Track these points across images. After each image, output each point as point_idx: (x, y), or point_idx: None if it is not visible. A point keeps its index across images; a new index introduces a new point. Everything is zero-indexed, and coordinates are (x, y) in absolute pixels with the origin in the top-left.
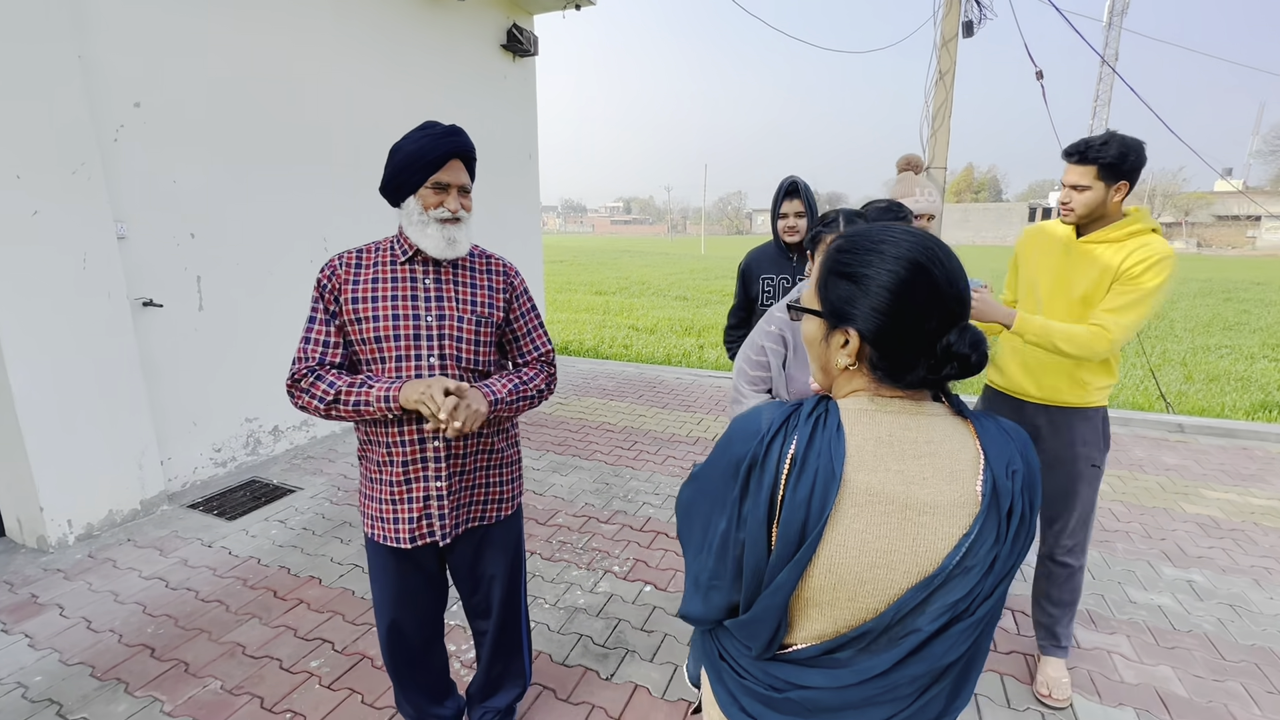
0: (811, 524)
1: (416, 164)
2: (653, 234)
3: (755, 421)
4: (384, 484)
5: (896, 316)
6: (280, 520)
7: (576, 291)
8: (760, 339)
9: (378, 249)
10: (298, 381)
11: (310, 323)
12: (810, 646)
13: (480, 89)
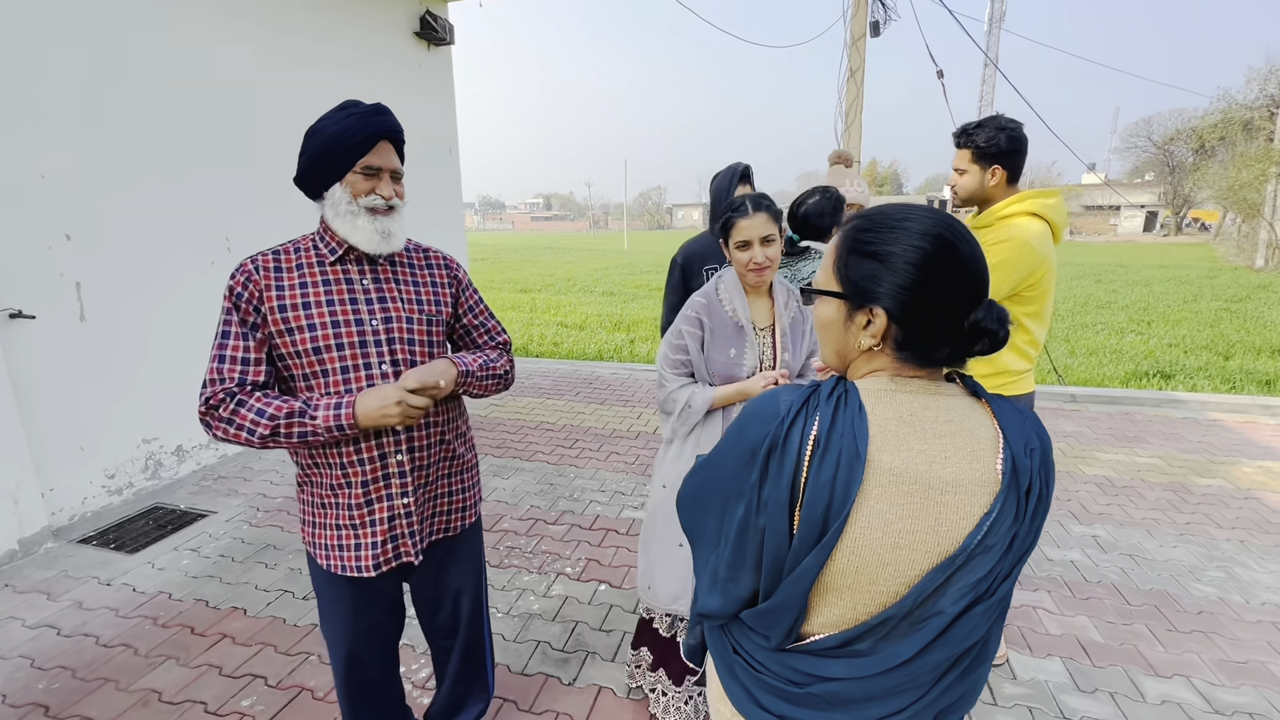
0: (836, 506)
1: (341, 147)
2: (575, 230)
3: (772, 404)
4: (339, 510)
5: (925, 293)
6: (192, 549)
7: (501, 289)
8: (680, 324)
9: (297, 249)
10: (214, 409)
11: (223, 338)
12: (830, 636)
13: (394, 79)
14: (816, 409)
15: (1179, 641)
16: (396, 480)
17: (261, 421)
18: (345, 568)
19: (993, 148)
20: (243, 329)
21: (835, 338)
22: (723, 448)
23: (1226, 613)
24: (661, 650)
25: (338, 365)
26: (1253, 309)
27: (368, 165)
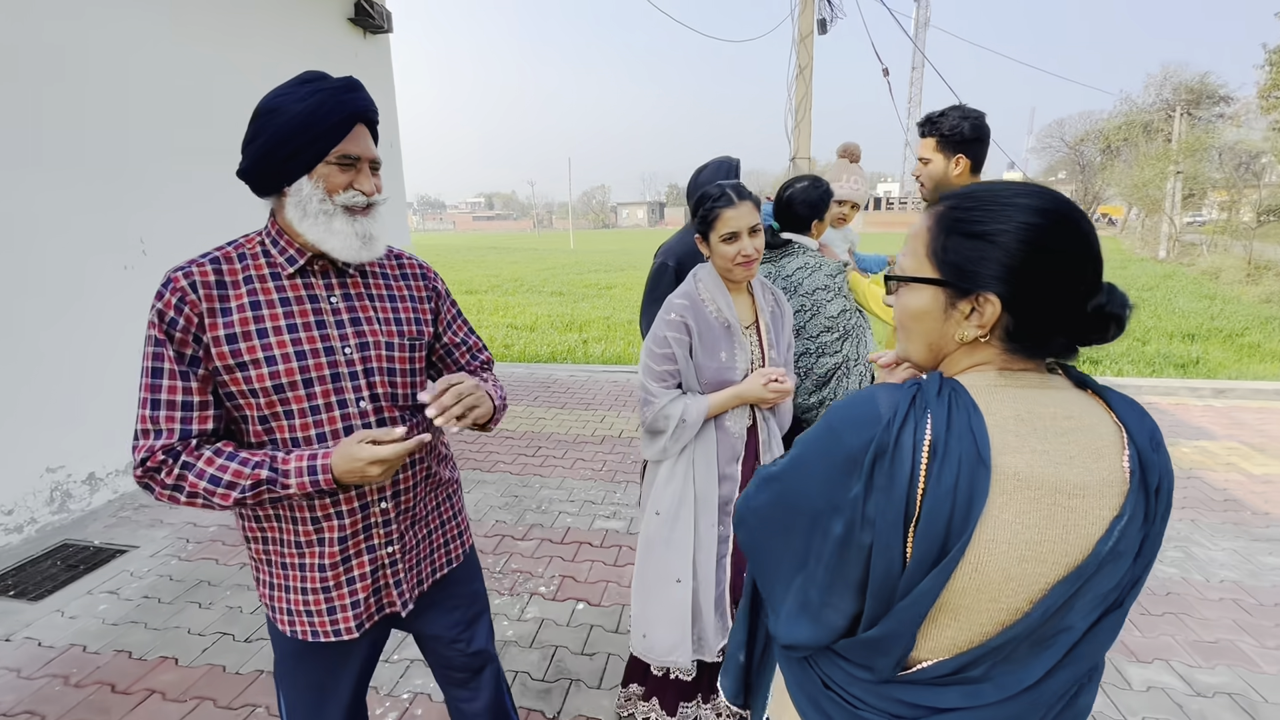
0: (958, 519)
1: (310, 130)
2: (518, 229)
3: (869, 406)
4: (309, 571)
5: (1045, 276)
6: (110, 591)
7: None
8: (662, 330)
9: (241, 256)
10: (154, 472)
11: (153, 376)
12: (942, 662)
13: (327, 68)
14: (926, 409)
15: (1153, 625)
16: (380, 530)
17: (217, 491)
18: (318, 633)
19: (956, 135)
20: (179, 365)
21: (929, 329)
22: (805, 457)
23: (1191, 593)
24: (654, 684)
25: (305, 405)
26: (1161, 297)
27: (345, 154)
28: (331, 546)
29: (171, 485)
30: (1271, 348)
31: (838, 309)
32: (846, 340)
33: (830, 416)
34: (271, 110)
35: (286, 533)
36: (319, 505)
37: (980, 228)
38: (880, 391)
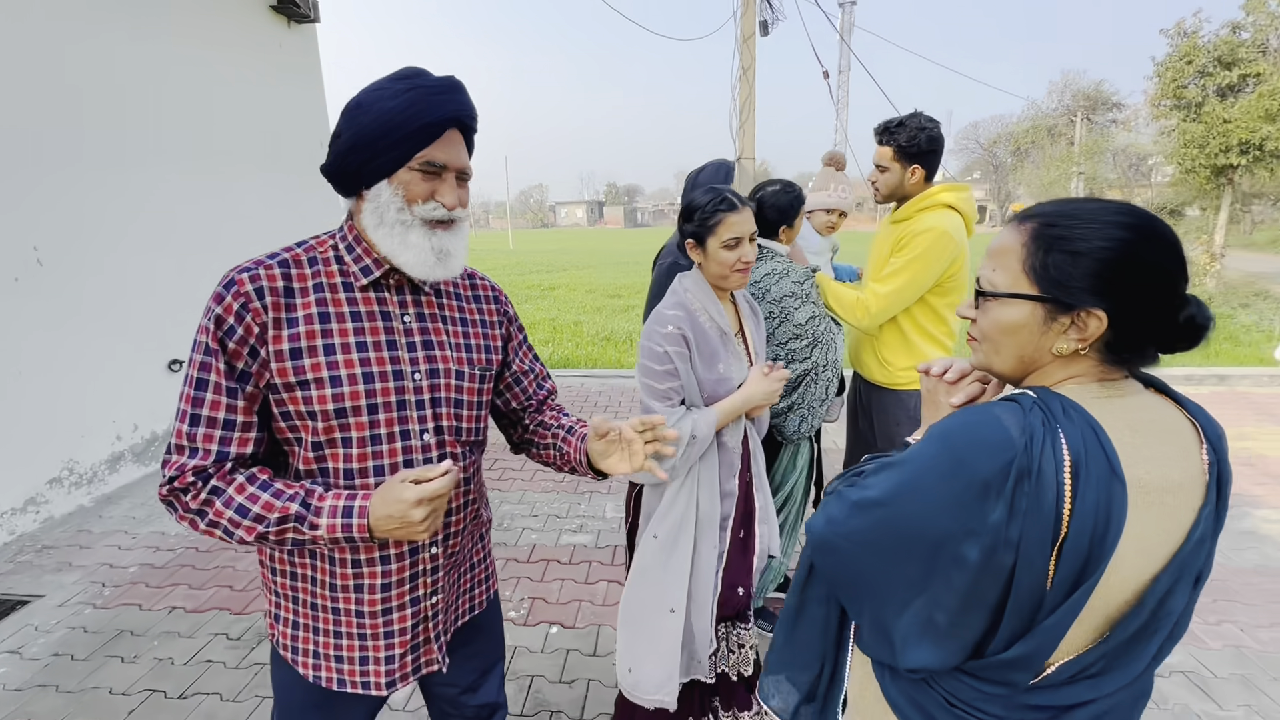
0: (1099, 534)
1: (399, 131)
2: None
3: (996, 429)
4: (344, 616)
5: (1146, 289)
6: (11, 651)
7: None
8: (660, 345)
9: (313, 260)
10: (180, 493)
11: (197, 388)
12: (1067, 663)
13: (248, 59)
14: (1057, 427)
15: None
16: (426, 579)
17: (243, 524)
18: (345, 683)
19: (914, 147)
20: (229, 380)
21: (1024, 342)
22: (920, 483)
23: None
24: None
25: (366, 433)
26: None
27: (429, 160)
28: (373, 594)
29: (195, 510)
30: None
31: (805, 315)
32: (815, 347)
33: (949, 441)
34: (359, 106)
35: (321, 572)
36: (364, 548)
37: (1083, 244)
38: (1000, 412)
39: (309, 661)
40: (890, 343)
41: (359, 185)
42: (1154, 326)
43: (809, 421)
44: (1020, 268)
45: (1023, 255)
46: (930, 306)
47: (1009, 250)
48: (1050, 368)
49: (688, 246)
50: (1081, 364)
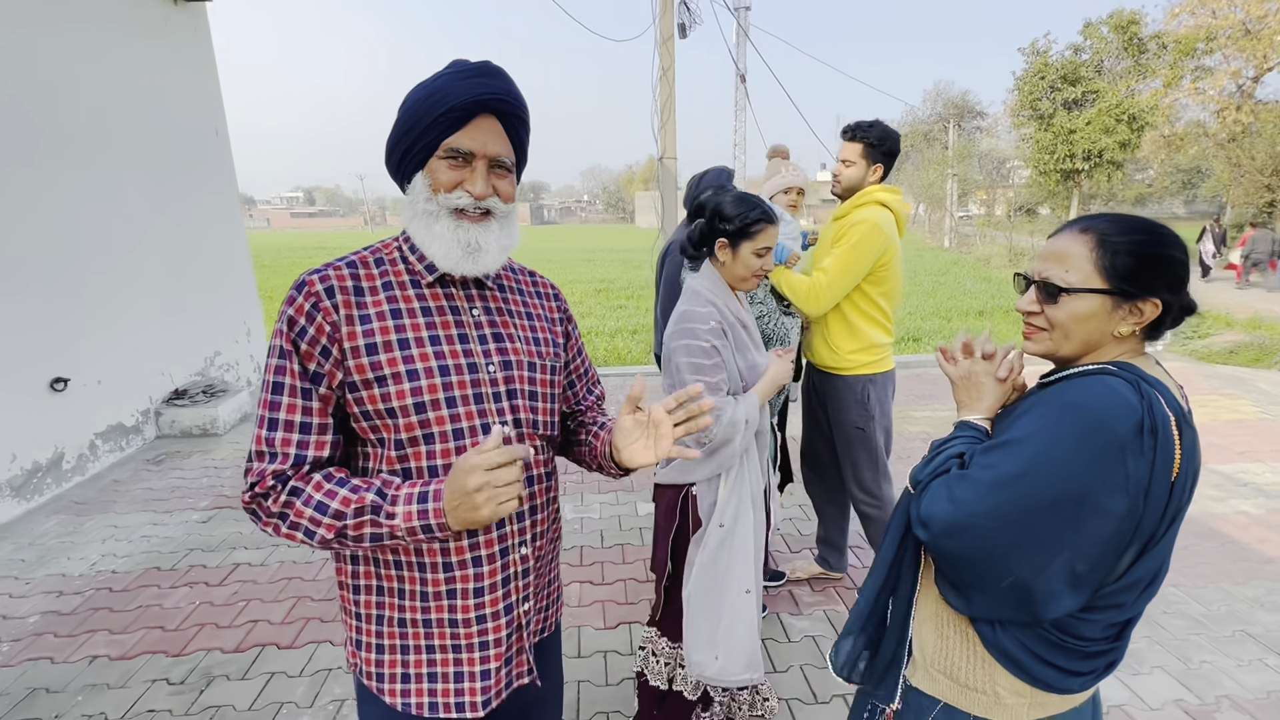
0: (1195, 470)
1: (426, 118)
2: (348, 227)
3: (1120, 396)
4: (435, 627)
5: (1179, 280)
6: None
7: (274, 299)
8: (706, 340)
9: (380, 261)
10: (262, 498)
11: (275, 393)
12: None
13: (131, 39)
14: (1153, 390)
15: None
16: (518, 583)
17: (323, 521)
18: (439, 706)
19: (885, 146)
20: (302, 381)
21: (1093, 328)
22: (1057, 452)
23: None
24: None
25: (449, 428)
26: (953, 280)
27: (454, 147)
28: (465, 600)
29: (277, 514)
30: None
31: (754, 314)
32: (769, 343)
33: (1082, 410)
34: (404, 100)
35: (410, 582)
36: (454, 549)
37: (1146, 250)
38: (1113, 383)
39: (397, 688)
40: (837, 329)
41: (404, 178)
42: (1177, 309)
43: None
44: (1092, 268)
45: (1093, 257)
46: (867, 294)
47: (1078, 253)
48: (1108, 348)
49: (719, 246)
50: (1129, 343)
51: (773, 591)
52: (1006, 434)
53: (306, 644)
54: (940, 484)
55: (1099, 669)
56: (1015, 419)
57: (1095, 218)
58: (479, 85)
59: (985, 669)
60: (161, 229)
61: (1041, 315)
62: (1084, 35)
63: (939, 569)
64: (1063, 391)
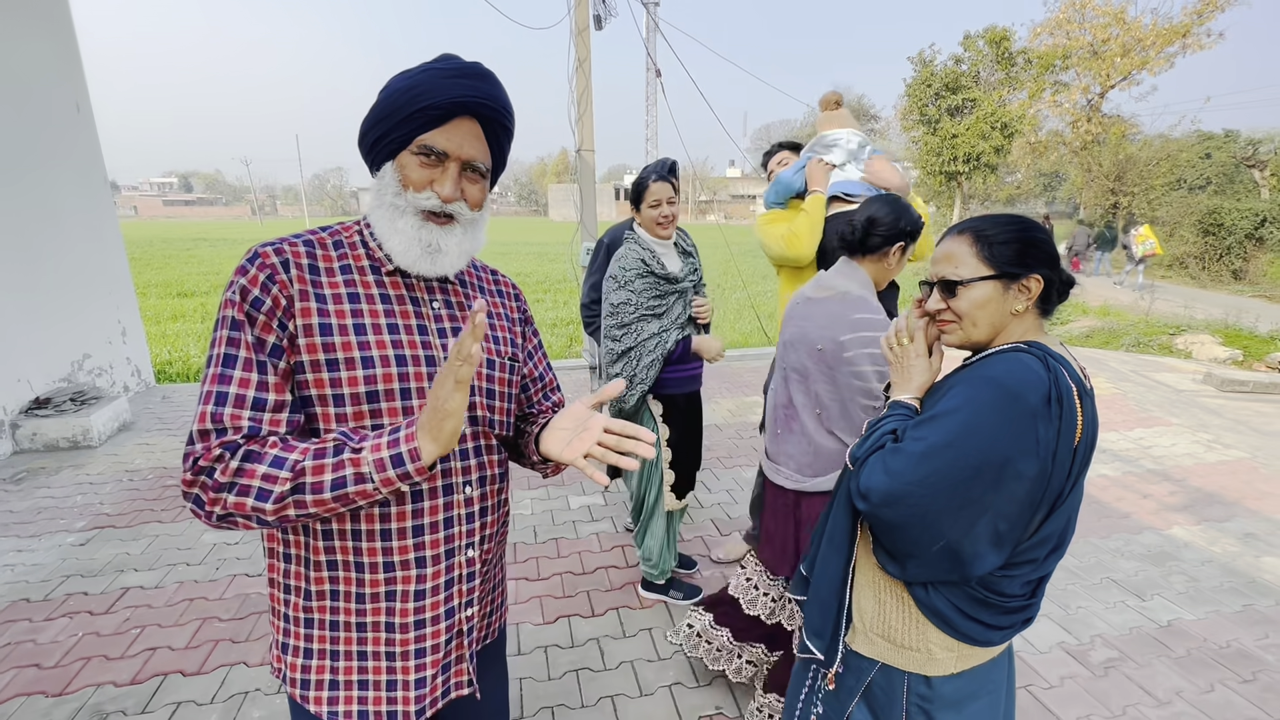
0: (1094, 436)
1: (402, 111)
2: (232, 216)
3: (1030, 370)
4: (370, 631)
5: (1049, 259)
6: None
7: (149, 295)
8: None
9: (338, 245)
10: (206, 472)
11: (224, 364)
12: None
13: None
14: (1055, 364)
15: None
16: (462, 586)
17: (279, 476)
18: (369, 715)
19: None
20: (258, 354)
21: (994, 311)
22: (981, 422)
23: None
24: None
25: (400, 419)
26: None
27: (427, 145)
28: (406, 602)
29: (225, 483)
30: None
31: (618, 299)
32: (626, 333)
33: (999, 384)
34: (385, 87)
35: (346, 583)
36: (398, 548)
37: (1008, 237)
38: (1025, 359)
39: (324, 695)
40: None
41: (374, 163)
42: (1056, 285)
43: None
44: (977, 260)
45: (975, 252)
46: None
47: (962, 252)
48: (1011, 327)
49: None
50: (1028, 320)
51: (693, 575)
52: (933, 409)
53: (217, 668)
54: (876, 458)
55: (1017, 624)
56: (940, 396)
57: (969, 221)
58: (463, 86)
59: (919, 629)
60: (9, 216)
61: (948, 310)
62: (963, 47)
63: (877, 539)
64: (981, 368)
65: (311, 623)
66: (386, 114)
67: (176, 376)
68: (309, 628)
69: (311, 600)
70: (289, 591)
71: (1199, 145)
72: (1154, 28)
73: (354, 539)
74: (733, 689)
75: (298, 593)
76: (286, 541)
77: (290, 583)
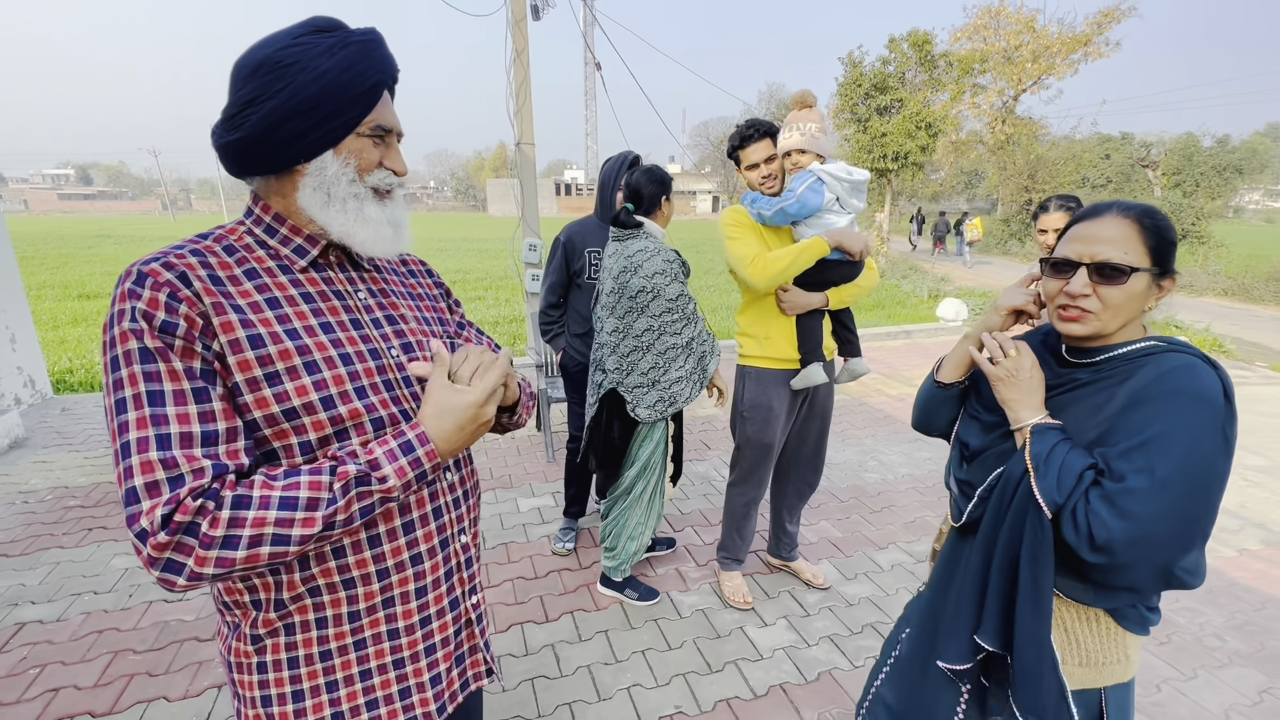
0: None
1: (346, 93)
2: (140, 211)
3: (1206, 375)
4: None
5: None
6: None
7: (44, 298)
8: None
9: (230, 250)
10: (188, 532)
11: (153, 404)
12: None
13: None
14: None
15: (879, 519)
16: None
17: (296, 519)
18: None
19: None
20: (191, 382)
21: (1135, 307)
22: (1201, 439)
23: (891, 489)
24: None
25: (366, 420)
26: None
27: (380, 124)
28: (407, 604)
29: (222, 537)
30: (868, 301)
31: (675, 292)
32: (687, 324)
33: (1203, 398)
34: (287, 65)
35: (334, 605)
36: (390, 551)
37: (1169, 233)
38: (1192, 363)
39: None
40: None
41: (294, 159)
42: None
43: (665, 403)
44: (1142, 249)
45: (1142, 238)
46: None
47: (1132, 236)
48: (1135, 323)
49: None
50: (1139, 316)
51: (662, 552)
52: (1137, 434)
53: (131, 705)
54: (1100, 505)
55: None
56: (1120, 415)
57: (1125, 204)
58: (390, 60)
59: (1116, 640)
60: None
61: (1092, 297)
62: (889, 49)
63: (1090, 578)
64: (1167, 380)
65: (296, 661)
66: (321, 100)
67: (79, 386)
68: (294, 668)
69: (295, 635)
70: (260, 640)
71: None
72: (1060, 36)
73: (337, 557)
74: (692, 688)
75: (274, 634)
76: (251, 588)
77: (260, 631)
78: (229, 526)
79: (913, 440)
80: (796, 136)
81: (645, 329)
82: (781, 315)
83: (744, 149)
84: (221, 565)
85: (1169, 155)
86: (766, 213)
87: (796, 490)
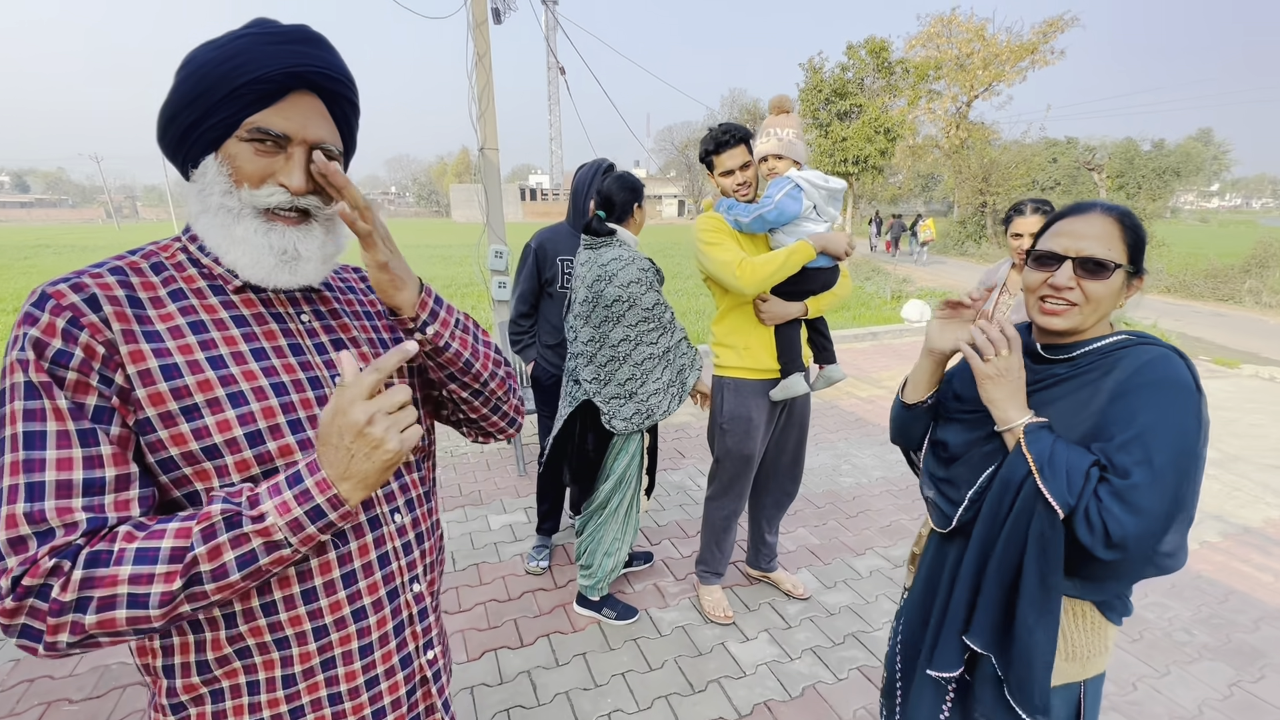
0: None
1: (222, 87)
2: (81, 220)
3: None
4: (315, 710)
5: None
6: None
7: None
8: None
9: (158, 268)
10: (37, 591)
11: (29, 447)
12: None
13: None
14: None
15: (857, 524)
16: (415, 628)
17: (156, 574)
18: None
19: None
20: (77, 422)
21: (1111, 304)
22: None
23: (866, 493)
24: None
25: (299, 457)
26: None
27: (261, 128)
28: (350, 664)
29: (73, 601)
30: None
31: (651, 301)
32: (663, 334)
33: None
34: (187, 61)
35: (267, 668)
36: (328, 607)
37: (1142, 232)
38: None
39: None
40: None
41: (186, 161)
42: None
43: (642, 415)
44: (1123, 246)
45: (1123, 237)
46: None
47: (1114, 234)
48: (1104, 320)
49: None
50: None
51: (640, 567)
52: (1130, 426)
53: None
54: (1112, 503)
55: None
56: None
57: (1105, 203)
58: (295, 54)
59: (1099, 631)
60: None
61: (1075, 290)
62: (848, 56)
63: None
64: (1147, 371)
65: None
66: (199, 94)
67: None
68: None
69: (223, 702)
70: (182, 710)
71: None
72: (1008, 44)
73: (267, 614)
74: (675, 711)
75: (198, 701)
76: (167, 649)
77: (183, 699)
78: (80, 588)
79: (885, 443)
80: (774, 142)
81: (621, 339)
82: (760, 325)
83: (719, 155)
84: (75, 632)
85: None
86: (744, 219)
87: (775, 500)
